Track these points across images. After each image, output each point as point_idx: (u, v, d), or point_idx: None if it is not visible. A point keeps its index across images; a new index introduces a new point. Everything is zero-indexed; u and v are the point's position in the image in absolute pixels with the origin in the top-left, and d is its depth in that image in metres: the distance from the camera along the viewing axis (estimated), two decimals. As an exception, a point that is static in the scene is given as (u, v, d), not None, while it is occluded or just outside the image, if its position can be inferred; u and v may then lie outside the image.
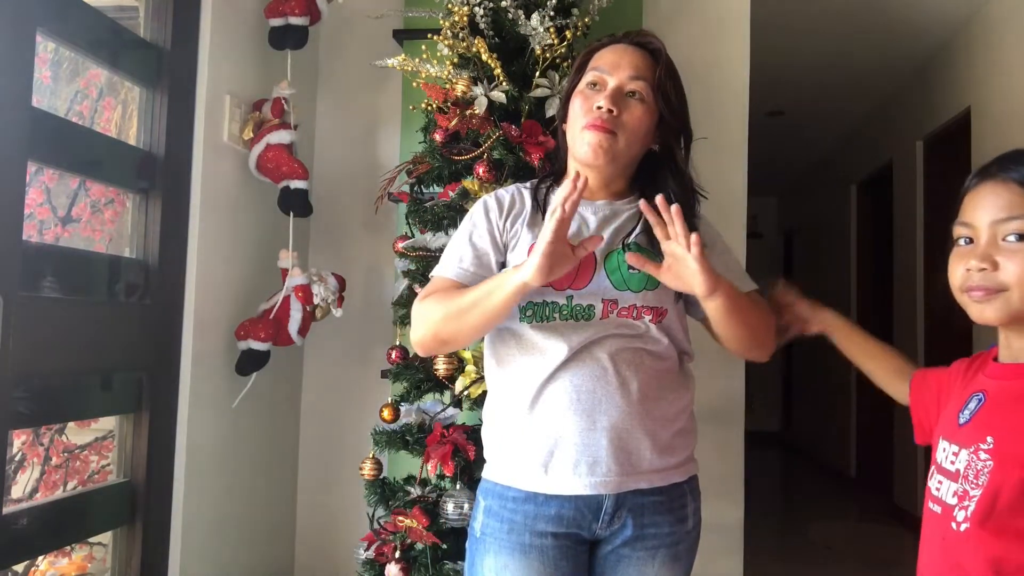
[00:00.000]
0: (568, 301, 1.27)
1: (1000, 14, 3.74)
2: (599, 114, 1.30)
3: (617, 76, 1.32)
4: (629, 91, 1.32)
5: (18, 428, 1.80)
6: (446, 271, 1.34)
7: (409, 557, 1.86)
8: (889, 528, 4.70)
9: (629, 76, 1.32)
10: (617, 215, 1.35)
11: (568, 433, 1.24)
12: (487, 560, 1.29)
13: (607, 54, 1.35)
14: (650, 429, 1.26)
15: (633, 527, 1.27)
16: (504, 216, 1.36)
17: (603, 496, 1.25)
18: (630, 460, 1.25)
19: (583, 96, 1.33)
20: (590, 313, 1.26)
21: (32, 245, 1.74)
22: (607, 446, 1.23)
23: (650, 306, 1.28)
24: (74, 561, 2.02)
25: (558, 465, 1.25)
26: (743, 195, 2.61)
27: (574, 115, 1.34)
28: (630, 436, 1.25)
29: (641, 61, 1.33)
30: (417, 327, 1.31)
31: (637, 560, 1.29)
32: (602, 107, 1.29)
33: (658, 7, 2.65)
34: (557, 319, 1.26)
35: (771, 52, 3.95)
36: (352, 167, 2.66)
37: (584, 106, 1.32)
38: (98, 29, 1.83)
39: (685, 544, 1.33)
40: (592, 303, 1.26)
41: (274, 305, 2.20)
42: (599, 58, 1.36)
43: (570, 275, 1.25)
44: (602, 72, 1.33)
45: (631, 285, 1.28)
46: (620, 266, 1.29)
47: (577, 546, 1.29)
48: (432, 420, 1.93)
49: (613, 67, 1.33)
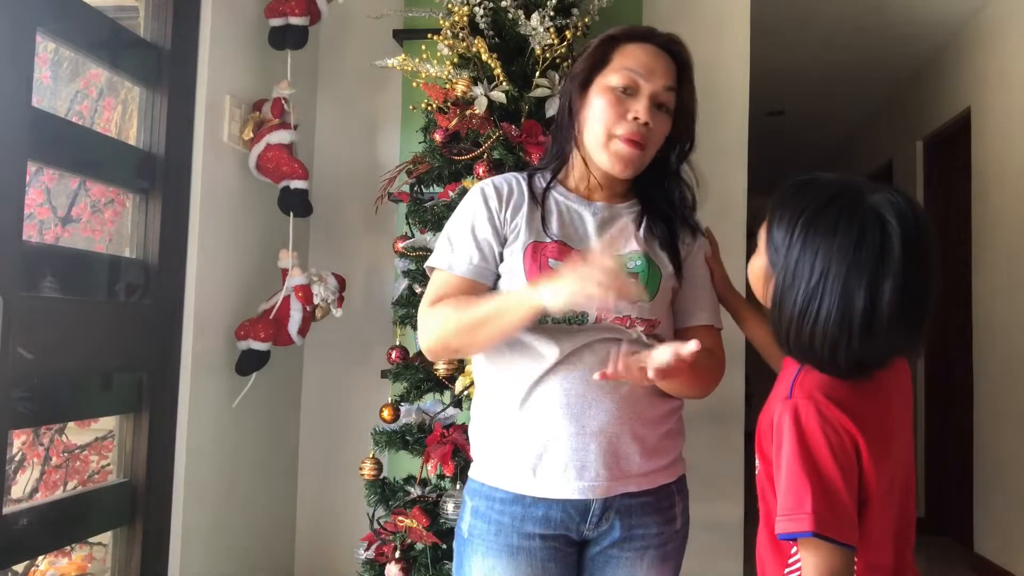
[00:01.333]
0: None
1: (1000, 14, 3.74)
2: (637, 127, 1.25)
3: (653, 84, 1.27)
4: (660, 103, 1.29)
5: (18, 428, 1.79)
6: (456, 268, 1.28)
7: (409, 557, 1.86)
8: (889, 528, 4.69)
9: (664, 87, 1.28)
10: (616, 218, 1.33)
11: (557, 436, 1.23)
12: (474, 561, 1.29)
13: (640, 55, 1.29)
14: (639, 434, 1.25)
15: (621, 528, 1.27)
16: (504, 207, 1.31)
17: (591, 500, 1.25)
18: (619, 465, 1.24)
19: (615, 98, 1.27)
20: (584, 319, 1.25)
21: (32, 245, 1.74)
22: (596, 450, 1.23)
23: (644, 317, 1.26)
24: (74, 561, 2.02)
25: (547, 468, 1.24)
26: (743, 195, 2.61)
27: (600, 114, 1.27)
28: (619, 441, 1.24)
29: (673, 69, 1.30)
30: (428, 334, 1.26)
31: (626, 561, 1.28)
32: (640, 119, 1.25)
33: (658, 7, 2.65)
34: (550, 321, 1.24)
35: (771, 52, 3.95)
36: (352, 167, 2.66)
37: (617, 111, 1.26)
38: (98, 29, 1.83)
39: (674, 544, 1.32)
40: (586, 310, 1.24)
41: (274, 305, 2.20)
42: (630, 56, 1.29)
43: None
44: (636, 75, 1.27)
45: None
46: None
47: (566, 547, 1.28)
48: (432, 420, 1.93)
49: (648, 72, 1.27)
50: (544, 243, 1.27)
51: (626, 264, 1.27)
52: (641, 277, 1.26)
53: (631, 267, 1.27)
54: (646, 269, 1.27)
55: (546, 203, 1.31)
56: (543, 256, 1.26)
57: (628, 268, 1.26)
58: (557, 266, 1.23)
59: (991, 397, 3.75)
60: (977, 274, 3.92)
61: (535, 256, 1.26)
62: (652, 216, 1.34)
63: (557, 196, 1.34)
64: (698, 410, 1.44)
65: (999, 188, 3.72)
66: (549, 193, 1.33)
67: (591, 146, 1.30)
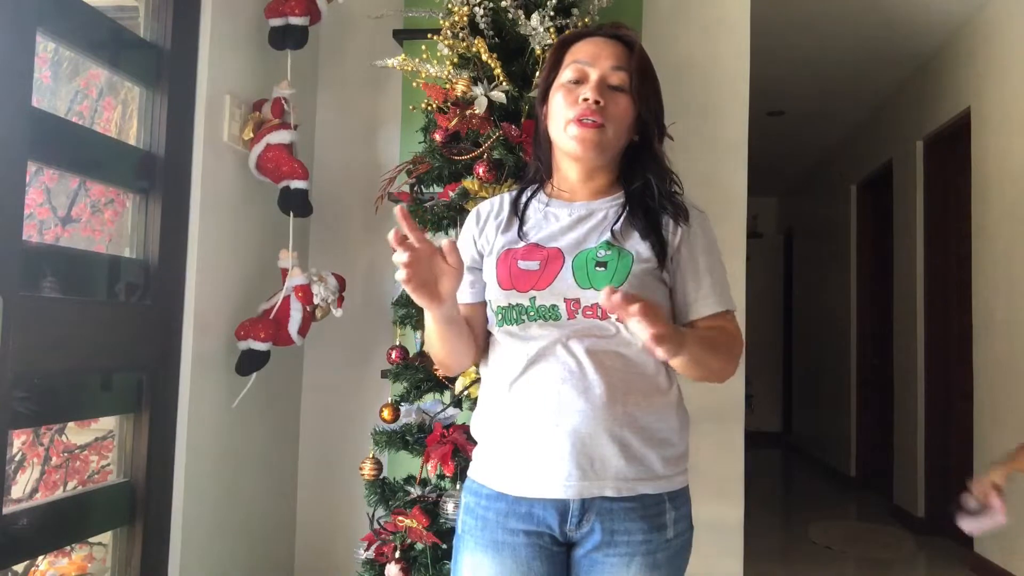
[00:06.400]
0: (532, 302, 1.25)
1: (1000, 14, 3.74)
2: (586, 106, 1.27)
3: (599, 67, 1.30)
4: (612, 83, 1.30)
5: (18, 428, 1.79)
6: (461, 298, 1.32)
7: (409, 557, 1.86)
8: (889, 528, 4.69)
9: (611, 67, 1.30)
10: (593, 213, 1.33)
11: (530, 435, 1.24)
12: (464, 556, 1.30)
13: (585, 47, 1.33)
14: (617, 435, 1.23)
15: (602, 532, 1.25)
16: (481, 226, 1.37)
17: (567, 500, 1.24)
18: (593, 466, 1.22)
19: (566, 90, 1.31)
20: (556, 313, 1.24)
21: (32, 245, 1.74)
22: (569, 450, 1.21)
23: None
24: (74, 561, 2.02)
25: (521, 467, 1.25)
26: (743, 195, 2.60)
27: (557, 110, 1.31)
28: (593, 441, 1.22)
29: (621, 52, 1.32)
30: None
31: (611, 566, 1.26)
32: (588, 98, 1.28)
33: (658, 7, 2.65)
34: (527, 320, 1.25)
35: (771, 52, 3.95)
36: (352, 167, 2.66)
37: (568, 99, 1.30)
38: (98, 29, 1.83)
39: (665, 553, 1.28)
40: (555, 303, 1.24)
41: (274, 305, 2.20)
42: (576, 51, 1.33)
43: (534, 276, 1.25)
44: (583, 64, 1.31)
45: (595, 283, 1.24)
46: (587, 264, 1.26)
47: (552, 547, 1.27)
48: (432, 420, 1.93)
49: (594, 59, 1.31)
50: (516, 249, 1.30)
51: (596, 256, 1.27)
52: (609, 266, 1.25)
53: (599, 257, 1.26)
54: (615, 258, 1.26)
55: (525, 212, 1.35)
56: (512, 259, 1.29)
57: (597, 258, 1.26)
58: (526, 266, 1.26)
59: (991, 397, 3.75)
60: (977, 274, 3.92)
61: (505, 260, 1.29)
62: (632, 206, 1.32)
63: (537, 203, 1.37)
64: (698, 410, 1.43)
65: (999, 188, 3.72)
66: (530, 202, 1.36)
67: (557, 139, 1.33)
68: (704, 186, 2.53)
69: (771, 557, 3.96)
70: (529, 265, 1.27)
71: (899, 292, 4.99)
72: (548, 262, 1.26)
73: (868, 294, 5.85)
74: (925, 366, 4.55)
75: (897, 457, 4.99)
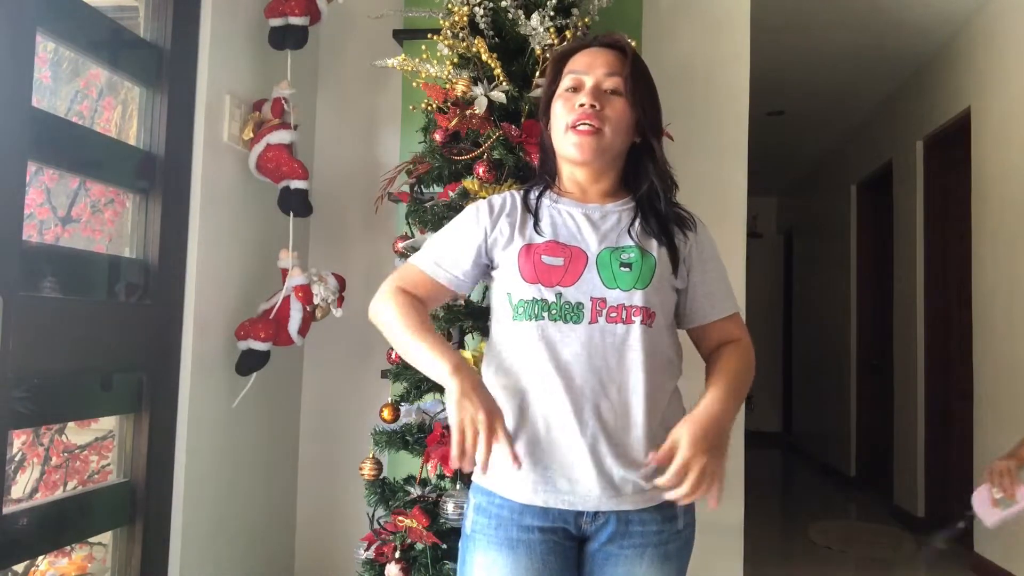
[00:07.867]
0: (557, 298, 1.27)
1: (1000, 14, 3.74)
2: (583, 110, 1.33)
3: (594, 75, 1.35)
4: (607, 88, 1.35)
5: (18, 428, 1.79)
6: (422, 263, 1.39)
7: (409, 557, 1.86)
8: (889, 528, 4.70)
9: (605, 73, 1.35)
10: (608, 216, 1.36)
11: (549, 452, 1.26)
12: (477, 556, 1.31)
13: (580, 58, 1.39)
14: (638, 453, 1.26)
15: (617, 523, 1.28)
16: (495, 218, 1.38)
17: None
18: (612, 484, 1.26)
19: (563, 99, 1.36)
20: (579, 313, 1.26)
21: (32, 245, 1.74)
22: (589, 469, 1.25)
23: (639, 306, 1.28)
24: (74, 561, 2.02)
25: (539, 482, 1.26)
26: (743, 195, 2.60)
27: (557, 117, 1.37)
28: (615, 461, 1.25)
29: (614, 59, 1.37)
30: (374, 317, 1.43)
31: (625, 559, 1.29)
32: (584, 104, 1.33)
33: (658, 7, 2.65)
34: (546, 318, 1.26)
35: (771, 52, 3.95)
36: (352, 167, 2.66)
37: (566, 106, 1.35)
38: (98, 29, 1.83)
39: (675, 544, 1.33)
40: (581, 301, 1.27)
41: (274, 305, 2.20)
42: (572, 63, 1.39)
43: (559, 272, 1.28)
44: (578, 74, 1.36)
45: (620, 283, 1.28)
46: (612, 263, 1.30)
47: (565, 542, 1.30)
48: (432, 420, 1.93)
49: (588, 67, 1.36)
50: (537, 244, 1.33)
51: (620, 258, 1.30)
52: (634, 267, 1.29)
53: (623, 258, 1.30)
54: (639, 259, 1.30)
55: (538, 210, 1.38)
56: (536, 255, 1.31)
57: (622, 259, 1.30)
58: (551, 262, 1.29)
59: (991, 397, 3.75)
60: (977, 274, 3.92)
61: (528, 256, 1.31)
62: (644, 212, 1.37)
63: (548, 202, 1.39)
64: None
65: (999, 188, 3.72)
66: (540, 201, 1.39)
67: (558, 146, 1.38)
68: (704, 186, 2.54)
69: (771, 557, 3.96)
70: (553, 261, 1.30)
71: (899, 292, 4.99)
72: (572, 260, 1.29)
73: (868, 294, 5.85)
74: (925, 366, 4.55)
75: (897, 457, 4.99)
